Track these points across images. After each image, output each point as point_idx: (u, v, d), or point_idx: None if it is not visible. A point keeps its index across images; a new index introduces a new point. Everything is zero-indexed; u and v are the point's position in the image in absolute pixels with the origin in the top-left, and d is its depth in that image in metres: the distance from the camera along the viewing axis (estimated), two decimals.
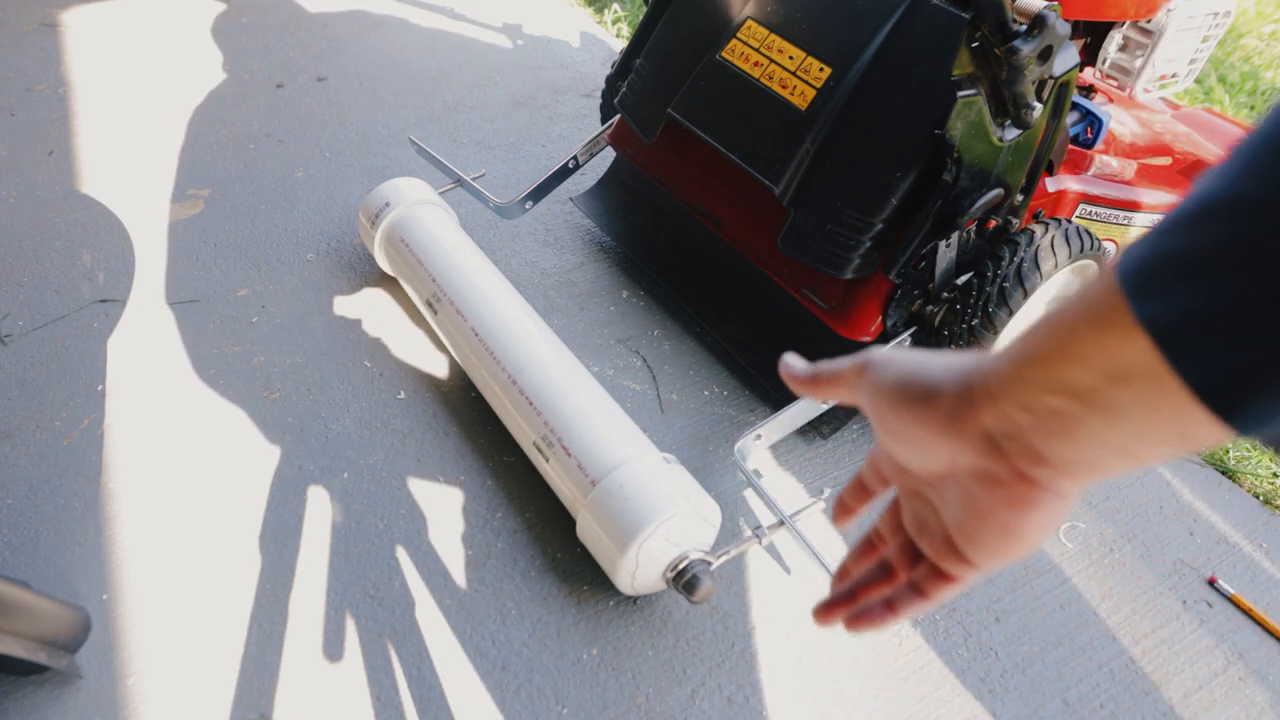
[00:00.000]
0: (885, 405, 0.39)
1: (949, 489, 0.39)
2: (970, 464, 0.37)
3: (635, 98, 1.42)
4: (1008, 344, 0.35)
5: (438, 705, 1.00)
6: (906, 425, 0.38)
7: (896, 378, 0.39)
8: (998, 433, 0.35)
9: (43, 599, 0.97)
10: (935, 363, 0.38)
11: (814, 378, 0.45)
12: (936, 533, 0.41)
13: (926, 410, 0.37)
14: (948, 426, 0.36)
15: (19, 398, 1.32)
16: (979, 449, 0.36)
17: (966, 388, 0.36)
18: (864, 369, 0.41)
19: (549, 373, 1.18)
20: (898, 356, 0.40)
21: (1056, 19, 0.96)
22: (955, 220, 1.12)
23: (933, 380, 0.37)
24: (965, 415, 0.35)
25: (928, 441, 0.38)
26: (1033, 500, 0.36)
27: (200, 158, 1.89)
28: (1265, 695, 1.07)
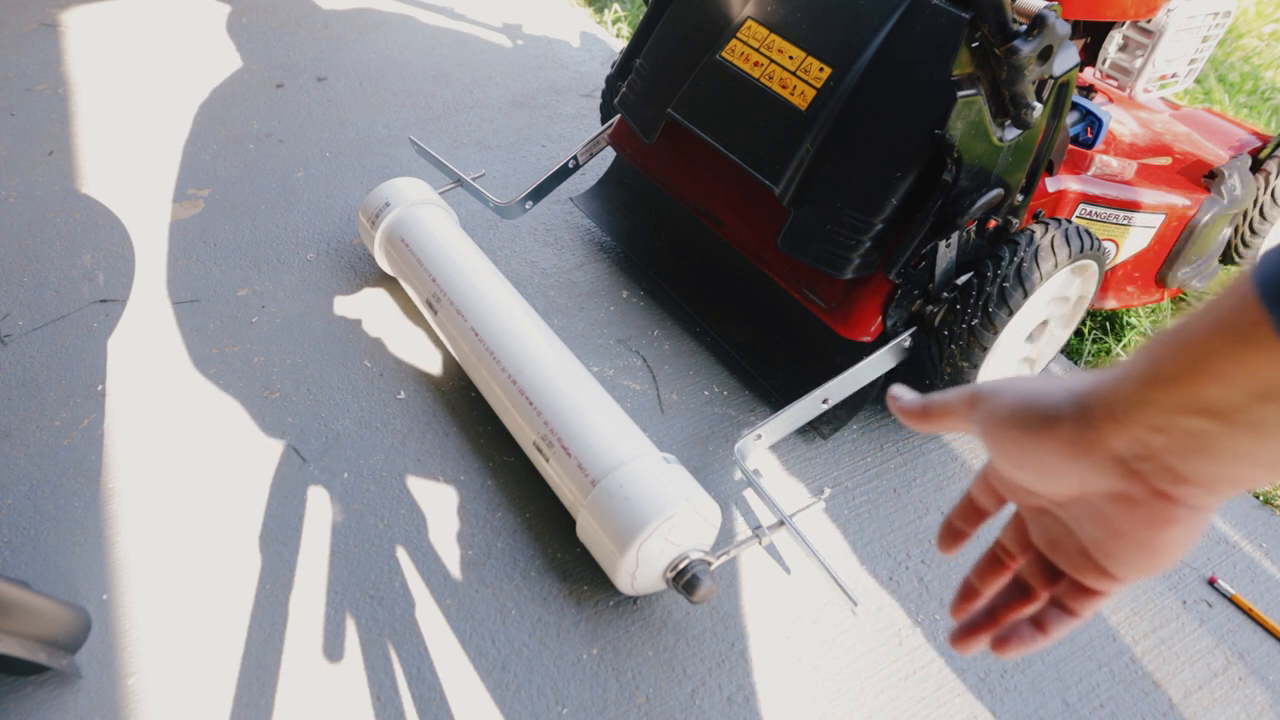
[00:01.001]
0: (1002, 435, 0.38)
1: (1080, 509, 0.38)
2: (1103, 486, 0.36)
3: (635, 98, 1.42)
4: (1126, 363, 0.34)
5: (438, 705, 1.00)
6: (1028, 454, 0.37)
7: (1011, 407, 0.38)
8: (1129, 455, 0.34)
9: (43, 599, 0.97)
10: (1049, 388, 0.37)
11: (924, 410, 0.44)
12: (1073, 549, 0.40)
13: (1047, 437, 0.36)
14: (1072, 452, 0.35)
15: (19, 398, 1.32)
16: (1111, 471, 0.35)
17: (1086, 411, 0.35)
18: (975, 400, 0.40)
19: (549, 373, 1.18)
20: (1009, 385, 0.39)
21: (1056, 19, 0.96)
22: (955, 220, 1.12)
23: (1049, 406, 0.36)
24: (1089, 440, 0.34)
25: (1053, 467, 0.37)
26: (1174, 518, 0.35)
27: (200, 158, 1.89)
28: (1265, 695, 1.07)
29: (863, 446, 1.34)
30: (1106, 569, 0.38)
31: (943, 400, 0.43)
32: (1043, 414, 0.36)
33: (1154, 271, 1.52)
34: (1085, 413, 0.35)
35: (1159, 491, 0.34)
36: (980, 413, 0.40)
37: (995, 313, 1.15)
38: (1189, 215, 1.44)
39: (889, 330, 1.23)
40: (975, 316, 1.16)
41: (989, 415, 0.39)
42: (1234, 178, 1.47)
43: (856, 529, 1.22)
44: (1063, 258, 1.16)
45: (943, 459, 1.33)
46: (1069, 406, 0.35)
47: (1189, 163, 1.51)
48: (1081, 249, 1.19)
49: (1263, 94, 2.48)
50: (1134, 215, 1.39)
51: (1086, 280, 1.30)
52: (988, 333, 1.16)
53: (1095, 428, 0.34)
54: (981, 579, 0.47)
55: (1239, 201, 1.48)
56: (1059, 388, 0.36)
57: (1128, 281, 1.51)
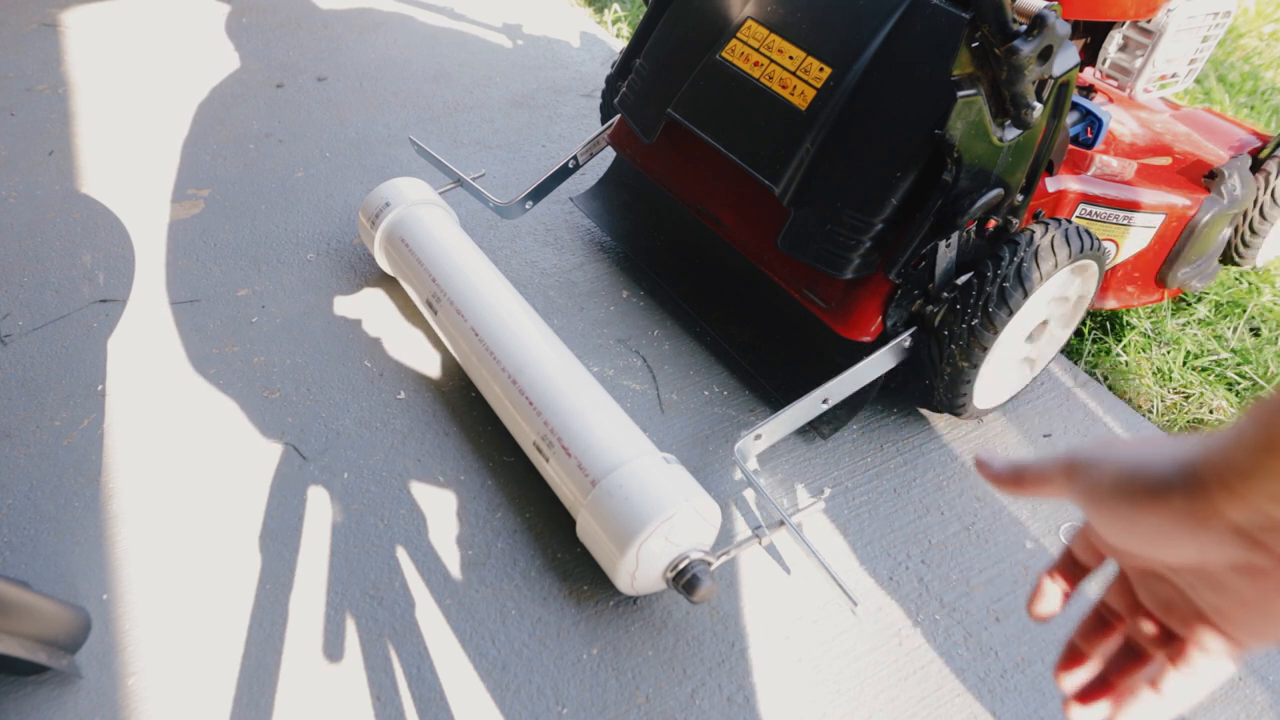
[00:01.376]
0: (1107, 508, 0.37)
1: (1197, 577, 0.37)
2: (1226, 557, 0.34)
3: (635, 98, 1.42)
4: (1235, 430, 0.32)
5: (438, 705, 1.00)
6: (1138, 526, 0.36)
7: (1115, 478, 0.36)
8: (1251, 526, 0.32)
9: (43, 599, 0.97)
10: (1153, 457, 0.35)
11: (1017, 478, 0.42)
12: (1189, 613, 0.38)
13: (1158, 510, 0.34)
14: (1187, 524, 0.33)
15: (19, 398, 1.32)
16: (1233, 543, 0.33)
17: (1197, 482, 0.33)
18: (1073, 469, 0.39)
19: (549, 373, 1.18)
20: (1109, 453, 0.37)
21: (1056, 19, 0.96)
22: (955, 220, 1.12)
23: (1156, 478, 0.34)
24: (1205, 512, 0.33)
25: (1167, 539, 0.35)
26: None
27: (200, 158, 1.89)
28: (1265, 695, 1.07)
29: (863, 446, 1.34)
30: (1229, 634, 0.37)
31: (1039, 468, 0.41)
32: (1150, 485, 0.35)
33: (1154, 271, 1.52)
34: (1196, 483, 0.33)
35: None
36: (1081, 483, 0.38)
37: (995, 313, 1.15)
38: (1189, 215, 1.45)
39: (889, 330, 1.23)
40: (975, 316, 1.16)
41: (1091, 488, 0.37)
42: (1234, 178, 1.47)
43: (856, 529, 1.22)
44: (1063, 258, 1.16)
45: (943, 459, 1.33)
46: (1178, 477, 0.34)
47: (1189, 163, 1.51)
48: (1081, 249, 1.19)
49: (1263, 94, 2.48)
50: (1134, 215, 1.39)
51: (1086, 280, 1.30)
52: (988, 333, 1.16)
53: (1209, 500, 0.32)
54: (1087, 641, 0.45)
55: (1239, 201, 1.48)
56: (1164, 456, 0.35)
57: (1128, 281, 1.51)
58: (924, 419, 1.39)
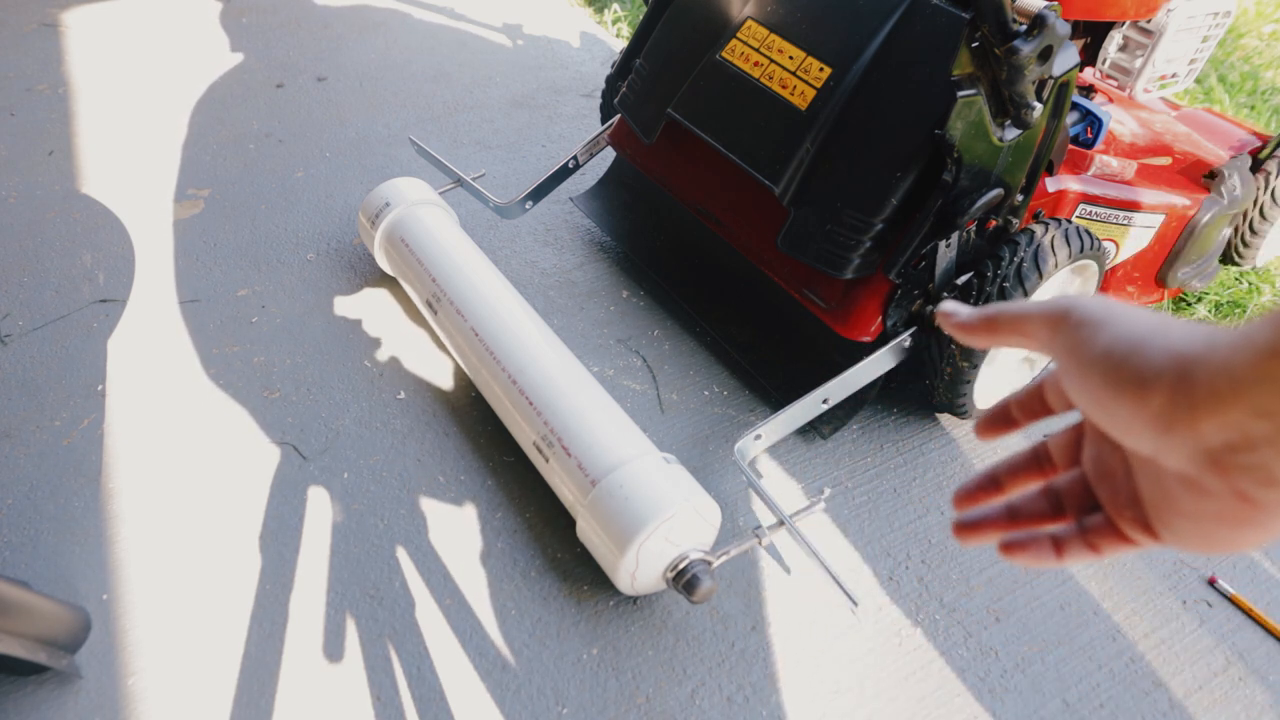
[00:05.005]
0: (1085, 379, 0.33)
1: (1148, 466, 0.34)
2: (1179, 468, 0.31)
3: (635, 98, 1.42)
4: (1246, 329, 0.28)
5: (438, 705, 1.00)
6: (1108, 410, 0.33)
7: (1104, 352, 0.32)
8: (1220, 443, 0.29)
9: (43, 599, 0.97)
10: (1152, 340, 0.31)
11: (989, 322, 0.38)
12: (1122, 490, 0.36)
13: (1133, 403, 0.31)
14: (1157, 426, 0.31)
15: (19, 398, 1.32)
16: (1191, 457, 0.30)
17: (1187, 382, 0.29)
18: (1061, 324, 0.35)
19: (549, 373, 1.18)
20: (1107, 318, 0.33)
21: (1056, 19, 0.96)
22: (955, 220, 1.12)
23: (1147, 368, 0.31)
24: (1181, 418, 0.30)
25: (1131, 430, 0.32)
26: (1248, 521, 0.31)
27: (200, 158, 1.89)
28: (1265, 695, 1.07)
29: (863, 446, 1.34)
30: (1151, 526, 0.35)
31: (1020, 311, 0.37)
32: (1136, 375, 0.31)
33: (1154, 271, 1.52)
34: (1185, 384, 0.29)
35: (1241, 493, 0.30)
36: (1064, 342, 0.34)
37: None
38: (1189, 215, 1.45)
39: (889, 330, 1.23)
40: None
41: (1074, 351, 0.34)
42: (1234, 178, 1.47)
43: (856, 529, 1.22)
44: (1063, 258, 1.16)
45: (943, 459, 1.33)
46: (1170, 372, 0.30)
47: (1189, 163, 1.51)
48: (1081, 249, 1.19)
49: (1263, 94, 2.48)
50: (1134, 215, 1.39)
51: (1086, 280, 1.30)
52: None
53: (1191, 404, 0.29)
54: (1012, 476, 0.42)
55: (1239, 201, 1.48)
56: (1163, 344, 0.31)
57: (1128, 281, 1.51)
58: (924, 419, 1.39)
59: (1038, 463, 0.42)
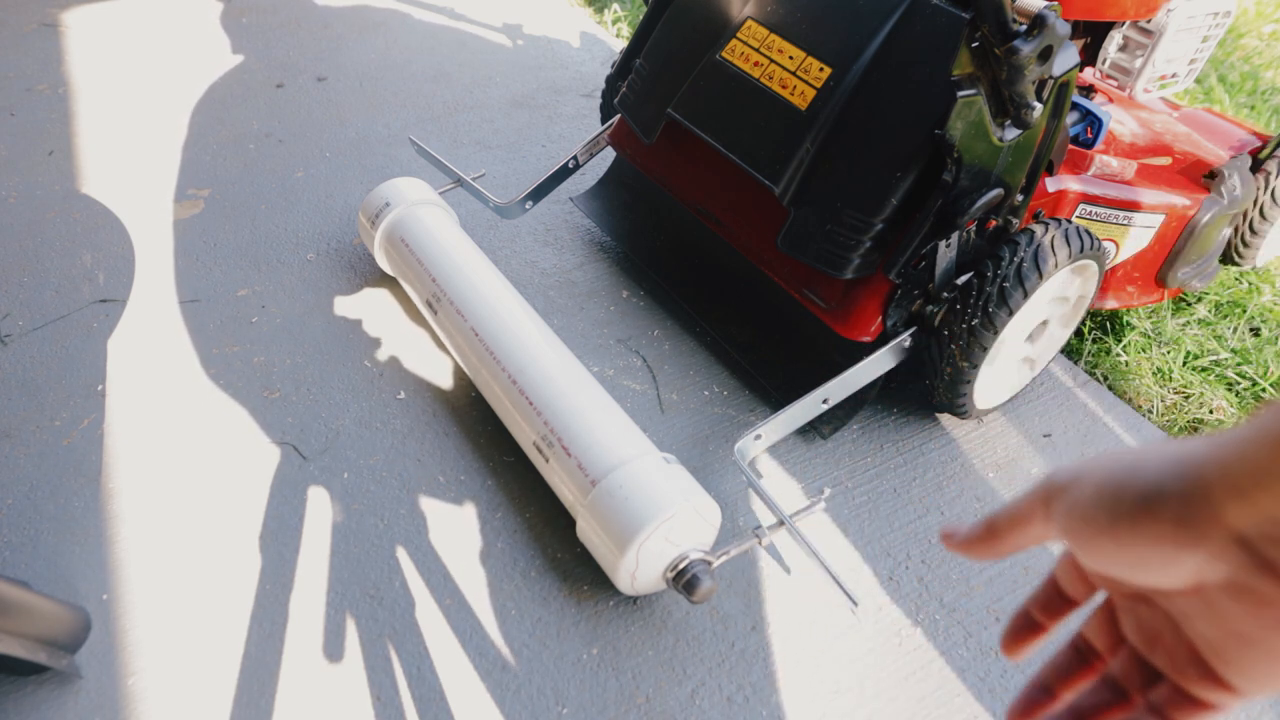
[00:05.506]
0: (1089, 529, 0.31)
1: (1191, 602, 0.31)
2: (1223, 577, 0.29)
3: (635, 98, 1.42)
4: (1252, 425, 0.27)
5: (438, 705, 1.00)
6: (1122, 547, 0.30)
7: (1098, 493, 0.31)
8: (1258, 537, 0.27)
9: (43, 599, 0.97)
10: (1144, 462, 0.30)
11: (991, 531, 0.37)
12: (1178, 649, 0.33)
13: (1145, 524, 0.29)
14: (1180, 538, 0.28)
15: (19, 398, 1.32)
16: (1234, 559, 0.28)
17: (1199, 486, 0.28)
18: (1051, 495, 0.33)
19: (549, 373, 1.18)
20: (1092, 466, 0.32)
21: (1056, 19, 0.96)
22: (955, 220, 1.12)
23: (1147, 485, 0.29)
24: (1203, 520, 0.28)
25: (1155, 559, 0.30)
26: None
27: (200, 158, 1.89)
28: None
29: (863, 446, 1.34)
30: (1222, 678, 0.31)
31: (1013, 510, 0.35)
32: (1139, 495, 0.29)
33: (1154, 271, 1.52)
34: (1198, 487, 0.28)
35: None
36: (1060, 508, 0.33)
37: (995, 313, 1.15)
38: (1189, 215, 1.44)
39: (889, 330, 1.23)
40: (975, 316, 1.16)
41: (1070, 509, 0.32)
42: (1234, 178, 1.46)
43: (856, 529, 1.22)
44: (1063, 258, 1.16)
45: (943, 459, 1.33)
46: (1174, 481, 0.29)
47: (1189, 163, 1.51)
48: (1081, 249, 1.19)
49: (1263, 94, 2.48)
50: (1134, 215, 1.39)
51: (1086, 280, 1.30)
52: (988, 333, 1.16)
53: (1211, 505, 0.27)
54: (1060, 679, 0.39)
55: (1239, 201, 1.48)
56: (1157, 459, 0.30)
57: (1128, 281, 1.51)
58: (924, 419, 1.39)
59: (1081, 656, 0.39)
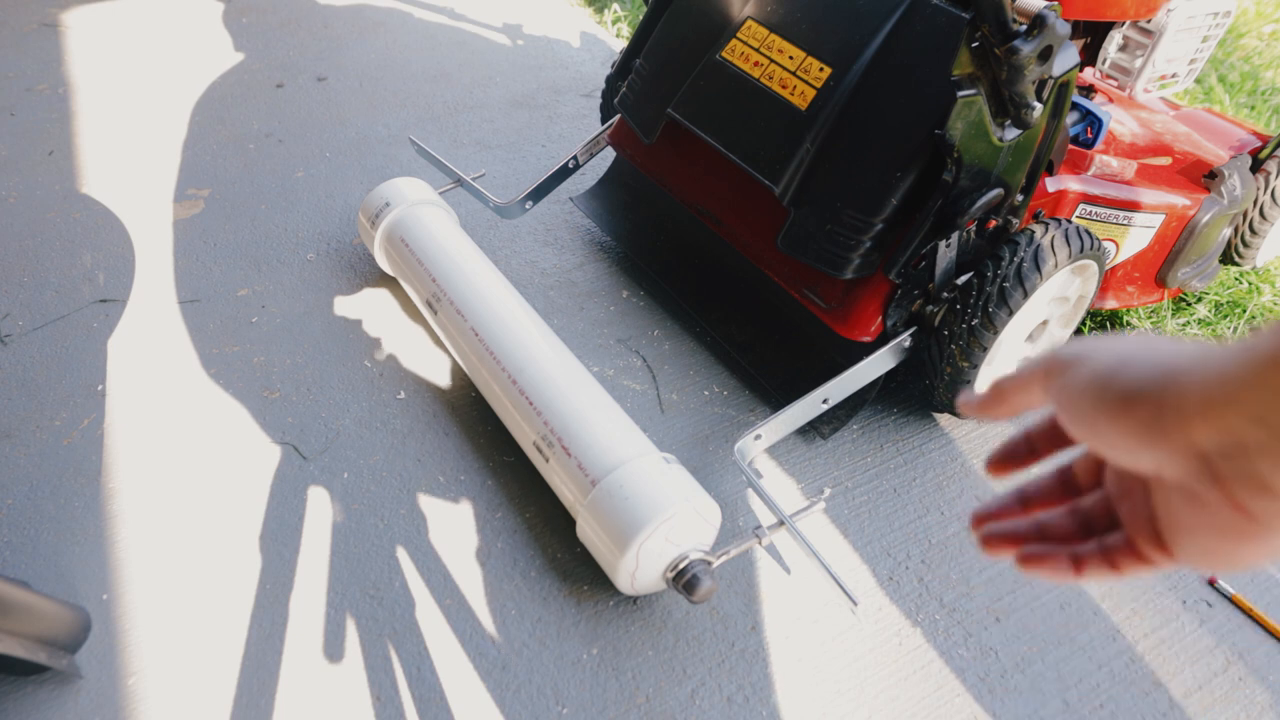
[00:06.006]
0: (1076, 409, 0.34)
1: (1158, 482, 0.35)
2: (1176, 479, 0.32)
3: (635, 98, 1.42)
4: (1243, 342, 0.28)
5: (438, 705, 1.00)
6: (1099, 432, 0.33)
7: (1090, 380, 0.33)
8: (1214, 449, 0.29)
9: (43, 599, 0.97)
10: (1137, 359, 0.32)
11: (999, 395, 0.40)
12: (1141, 509, 0.36)
13: (1122, 419, 0.32)
14: (1145, 437, 0.31)
15: (19, 398, 1.32)
16: (1186, 466, 0.30)
17: (1175, 392, 0.30)
18: (1052, 370, 0.36)
19: (549, 373, 1.18)
20: (1093, 352, 0.35)
21: (1056, 19, 0.96)
22: (955, 220, 1.12)
23: (1131, 383, 0.32)
24: (1170, 425, 0.30)
25: (1125, 450, 0.33)
26: (1246, 534, 0.30)
27: (200, 158, 1.89)
28: (1265, 695, 1.07)
29: (863, 446, 1.34)
30: (1168, 547, 0.35)
31: (1018, 377, 0.38)
32: (1122, 392, 0.32)
33: (1154, 271, 1.52)
34: (1174, 392, 0.30)
35: (1236, 504, 0.30)
36: (1057, 385, 0.36)
37: (995, 313, 1.15)
38: (1189, 215, 1.44)
39: (889, 330, 1.23)
40: (975, 316, 1.16)
41: (1066, 388, 0.35)
42: (1234, 178, 1.46)
43: (856, 529, 1.22)
44: (1063, 258, 1.16)
45: (943, 459, 1.33)
46: (1154, 384, 0.31)
47: (1189, 163, 1.51)
48: (1081, 249, 1.19)
49: (1263, 94, 2.48)
50: (1134, 215, 1.39)
51: (1086, 280, 1.30)
52: (988, 333, 1.16)
53: (1180, 411, 0.29)
54: (1044, 495, 0.43)
55: (1239, 201, 1.48)
56: (1148, 360, 0.32)
57: (1128, 281, 1.51)
58: (924, 419, 1.39)
59: (1064, 486, 0.43)
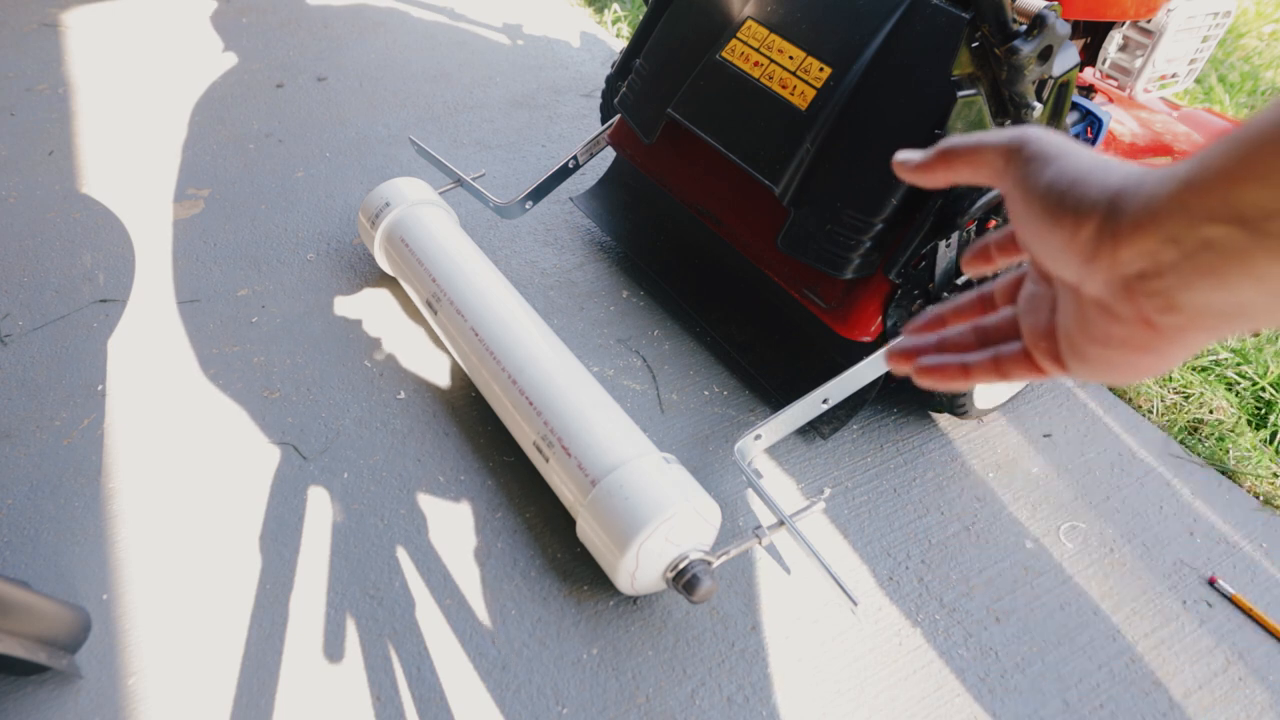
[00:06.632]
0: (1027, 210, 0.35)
1: (1069, 296, 0.36)
2: (1095, 293, 0.34)
3: (635, 98, 1.42)
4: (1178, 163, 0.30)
5: (438, 705, 1.00)
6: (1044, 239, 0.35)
7: (1048, 186, 0.34)
8: (1132, 270, 0.31)
9: (43, 599, 0.97)
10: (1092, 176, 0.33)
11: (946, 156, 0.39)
12: (1042, 322, 0.38)
13: (1069, 234, 0.33)
14: (1084, 255, 0.33)
15: (19, 398, 1.32)
16: (1108, 283, 0.32)
17: (1115, 212, 0.31)
18: (1013, 155, 0.36)
19: (549, 373, 1.18)
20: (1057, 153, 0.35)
21: (1056, 19, 0.96)
22: (955, 220, 1.12)
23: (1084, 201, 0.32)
24: (1105, 248, 0.32)
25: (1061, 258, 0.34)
26: (1148, 347, 0.33)
27: (200, 158, 1.89)
28: (1265, 695, 1.07)
29: (863, 446, 1.34)
30: (1060, 357, 0.38)
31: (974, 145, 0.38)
32: (1074, 206, 0.33)
33: None
34: (1114, 214, 0.31)
35: (1144, 318, 0.32)
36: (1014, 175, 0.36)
37: None
38: None
39: (889, 330, 1.23)
40: None
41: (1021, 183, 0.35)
42: None
43: (856, 529, 1.22)
44: None
45: (943, 459, 1.33)
46: (1103, 204, 0.32)
47: None
48: None
49: (1263, 94, 2.48)
50: None
51: None
52: None
53: (1115, 234, 0.31)
54: (955, 314, 0.45)
55: None
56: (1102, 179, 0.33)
57: None
58: (924, 419, 1.39)
59: (981, 304, 0.45)
